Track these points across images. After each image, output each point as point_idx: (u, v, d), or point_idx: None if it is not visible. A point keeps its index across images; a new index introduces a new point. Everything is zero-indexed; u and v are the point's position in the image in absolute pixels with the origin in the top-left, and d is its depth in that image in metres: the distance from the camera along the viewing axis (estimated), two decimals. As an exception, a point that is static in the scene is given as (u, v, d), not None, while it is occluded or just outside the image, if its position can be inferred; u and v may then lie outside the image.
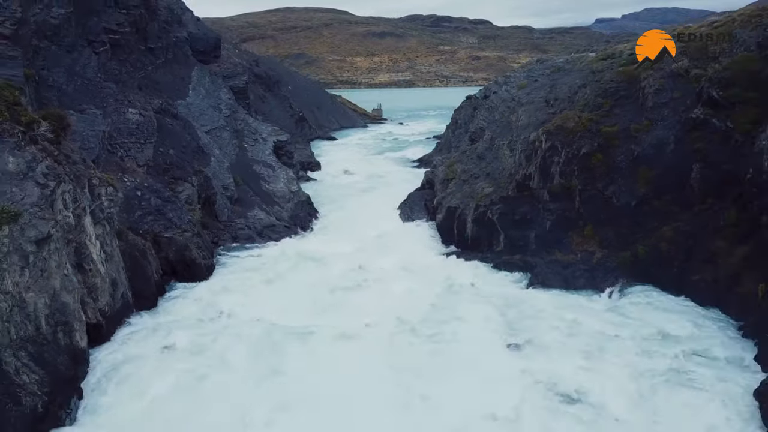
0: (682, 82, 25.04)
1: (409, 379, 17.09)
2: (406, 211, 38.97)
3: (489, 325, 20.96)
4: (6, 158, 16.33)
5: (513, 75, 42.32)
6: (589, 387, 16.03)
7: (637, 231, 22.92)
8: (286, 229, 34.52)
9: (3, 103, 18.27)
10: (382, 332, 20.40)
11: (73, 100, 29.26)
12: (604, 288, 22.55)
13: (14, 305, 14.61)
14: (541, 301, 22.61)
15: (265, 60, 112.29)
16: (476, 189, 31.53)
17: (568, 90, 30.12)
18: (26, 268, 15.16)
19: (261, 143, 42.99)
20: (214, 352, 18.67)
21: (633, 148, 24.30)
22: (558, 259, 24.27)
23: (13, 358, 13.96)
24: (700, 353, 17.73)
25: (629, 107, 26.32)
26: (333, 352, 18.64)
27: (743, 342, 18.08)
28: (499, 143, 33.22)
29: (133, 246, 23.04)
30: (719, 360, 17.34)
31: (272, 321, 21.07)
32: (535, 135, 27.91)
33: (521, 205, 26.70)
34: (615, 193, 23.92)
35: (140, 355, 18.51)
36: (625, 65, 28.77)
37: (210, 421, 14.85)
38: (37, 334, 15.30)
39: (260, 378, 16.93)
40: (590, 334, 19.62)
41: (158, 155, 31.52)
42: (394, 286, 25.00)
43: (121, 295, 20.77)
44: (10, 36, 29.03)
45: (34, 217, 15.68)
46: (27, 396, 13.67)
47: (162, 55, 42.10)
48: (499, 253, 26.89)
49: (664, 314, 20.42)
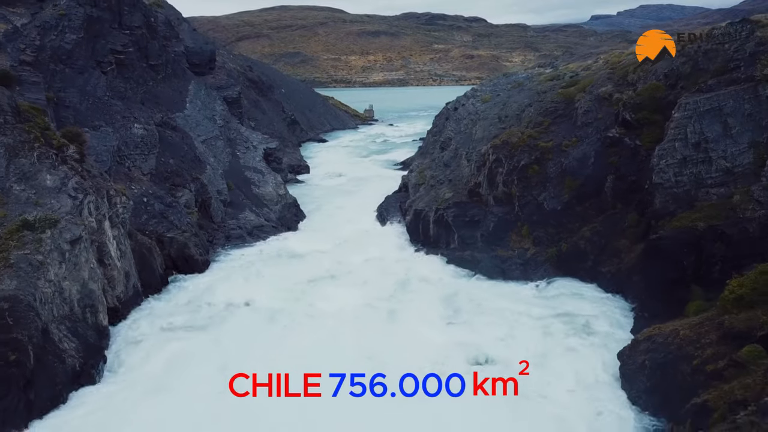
0: (605, 105, 29.61)
1: (364, 343, 21.70)
2: (383, 212, 43.44)
3: (436, 307, 25.61)
4: (45, 176, 20.79)
5: (480, 89, 46.77)
6: (500, 352, 20.68)
7: (562, 231, 27.53)
8: (274, 229, 39.03)
9: (38, 129, 22.72)
10: (347, 312, 25.00)
11: (87, 118, 33.64)
12: (534, 278, 27.20)
13: (55, 291, 19.09)
14: (481, 290, 27.27)
15: (258, 65, 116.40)
16: (440, 194, 36.06)
17: (517, 108, 34.66)
18: (63, 263, 19.64)
19: (252, 150, 47.44)
20: (206, 328, 23.29)
21: (562, 161, 28.90)
22: (499, 254, 28.90)
23: (56, 330, 18.45)
24: (595, 328, 22.37)
25: (564, 125, 30.90)
26: (304, 327, 23.23)
27: (631, 320, 22.71)
28: (461, 153, 37.76)
29: (142, 245, 27.52)
30: (609, 333, 21.96)
31: (256, 305, 25.65)
32: (485, 148, 32.48)
33: (472, 209, 31.29)
34: (546, 199, 28.51)
35: (148, 331, 23.08)
36: (565, 87, 33.34)
37: (199, 375, 19.42)
38: (71, 314, 19.80)
39: (241, 345, 21.52)
40: (515, 314, 24.25)
41: (160, 164, 35.96)
42: (362, 278, 29.58)
43: (133, 284, 25.28)
44: (31, 62, 33.49)
45: (68, 222, 20.15)
46: (68, 358, 18.19)
47: (162, 70, 46.35)
48: (453, 250, 31.47)
49: (577, 299, 25.07)
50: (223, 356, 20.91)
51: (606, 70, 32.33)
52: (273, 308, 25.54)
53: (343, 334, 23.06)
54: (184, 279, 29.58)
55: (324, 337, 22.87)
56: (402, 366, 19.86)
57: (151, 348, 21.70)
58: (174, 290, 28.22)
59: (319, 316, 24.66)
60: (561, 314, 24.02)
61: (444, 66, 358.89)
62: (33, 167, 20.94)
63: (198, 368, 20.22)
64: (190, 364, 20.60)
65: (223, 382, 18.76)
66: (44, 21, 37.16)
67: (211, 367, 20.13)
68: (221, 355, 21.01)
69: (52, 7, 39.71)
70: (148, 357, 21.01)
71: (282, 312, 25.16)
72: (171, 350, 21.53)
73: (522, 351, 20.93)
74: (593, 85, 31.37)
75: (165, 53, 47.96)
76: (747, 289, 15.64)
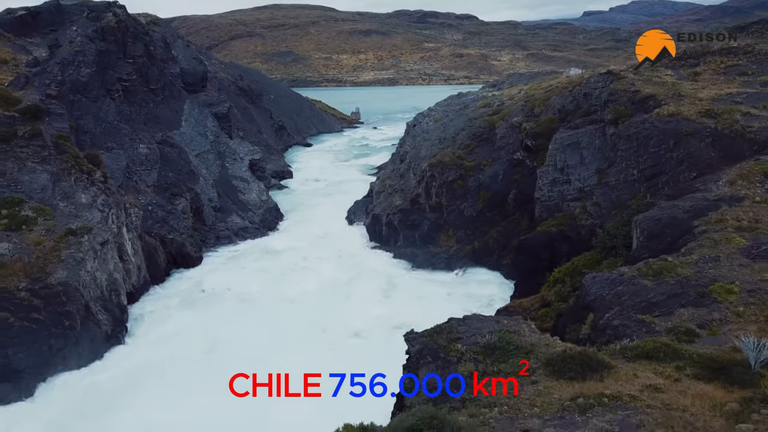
0: (516, 132, 37.46)
1: (319, 319, 29.50)
2: (351, 215, 51.22)
3: (378, 291, 33.49)
4: (80, 195, 28.44)
5: (435, 108, 54.45)
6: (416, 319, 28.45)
7: (477, 232, 35.43)
8: (257, 230, 46.73)
9: (72, 159, 30.31)
10: (310, 295, 32.81)
11: (101, 140, 41.13)
12: (455, 268, 35.12)
13: (91, 278, 26.77)
14: (415, 277, 35.19)
15: (249, 72, 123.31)
16: (393, 201, 43.88)
17: (454, 131, 42.47)
18: (96, 258, 27.30)
19: (239, 162, 55.05)
20: (199, 308, 31.04)
21: (480, 177, 36.76)
22: (431, 251, 36.79)
23: (94, 306, 26.15)
24: (492, 303, 30.22)
25: (485, 148, 38.74)
26: (275, 306, 31.06)
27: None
28: (412, 167, 45.55)
29: (149, 244, 35.18)
30: (497, 306, 29.84)
31: (239, 291, 33.43)
32: (425, 165, 40.32)
33: (413, 214, 39.14)
34: (466, 208, 36.38)
35: (155, 310, 30.88)
36: (490, 115, 41.15)
37: (193, 339, 27.15)
38: (102, 295, 27.49)
39: (226, 320, 29.28)
40: (436, 294, 32.12)
41: (161, 177, 43.51)
42: (324, 269, 37.42)
43: (143, 275, 32.99)
44: (56, 95, 40.89)
45: (99, 229, 27.81)
46: (103, 325, 25.94)
47: (161, 92, 53.79)
48: (399, 247, 39.34)
49: (483, 283, 33.03)
50: (211, 327, 28.66)
51: (522, 102, 40.16)
52: (252, 292, 33.35)
53: (304, 311, 30.85)
54: (182, 272, 37.32)
55: (290, 313, 30.65)
56: (346, 331, 27.72)
57: (158, 321, 29.50)
58: (174, 280, 35.98)
59: (288, 298, 32.48)
60: (470, 293, 31.93)
61: (434, 65, 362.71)
62: (71, 188, 28.56)
63: (192, 335, 27.97)
64: (186, 332, 28.33)
65: (209, 343, 26.55)
66: (63, 57, 44.52)
67: (202, 333, 27.92)
68: (210, 326, 28.75)
69: (69, 44, 47.15)
70: (156, 327, 28.80)
71: (259, 295, 32.95)
72: (172, 323, 29.31)
73: (433, 318, 28.73)
74: (510, 114, 39.21)
75: (163, 77, 55.38)
76: (562, 274, 23.46)
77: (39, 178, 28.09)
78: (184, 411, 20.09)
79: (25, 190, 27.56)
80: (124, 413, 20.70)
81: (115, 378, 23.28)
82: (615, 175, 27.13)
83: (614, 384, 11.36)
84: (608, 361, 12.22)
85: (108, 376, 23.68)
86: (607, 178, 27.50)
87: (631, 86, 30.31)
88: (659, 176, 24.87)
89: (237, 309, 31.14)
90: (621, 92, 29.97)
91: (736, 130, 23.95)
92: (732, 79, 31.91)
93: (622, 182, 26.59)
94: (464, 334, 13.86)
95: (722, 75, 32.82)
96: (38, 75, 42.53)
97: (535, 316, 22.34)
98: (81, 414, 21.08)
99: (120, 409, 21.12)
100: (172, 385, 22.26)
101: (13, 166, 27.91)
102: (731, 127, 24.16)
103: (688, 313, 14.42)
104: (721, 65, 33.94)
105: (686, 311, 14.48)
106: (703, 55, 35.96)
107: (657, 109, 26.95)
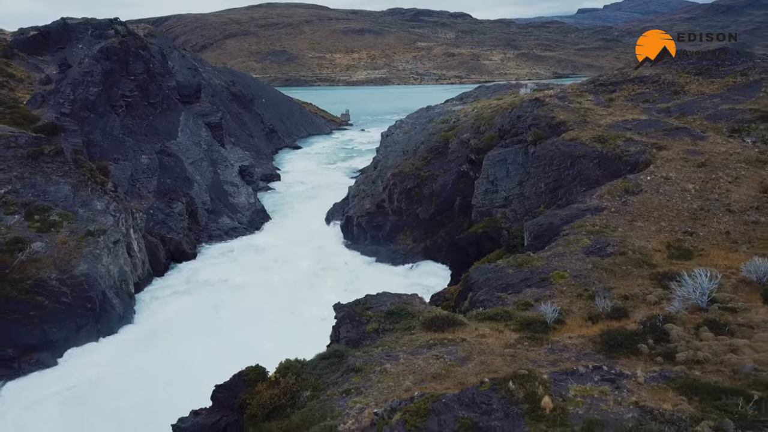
0: (464, 147, 43.92)
1: (290, 305, 35.94)
2: (330, 216, 57.60)
3: (343, 281, 39.94)
4: (96, 203, 34.75)
5: (405, 120, 60.89)
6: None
7: (428, 232, 41.93)
8: (245, 230, 53.09)
9: (88, 172, 36.58)
10: (287, 284, 39.27)
11: (108, 152, 47.34)
12: (409, 263, 41.62)
13: (106, 271, 33.11)
14: (376, 270, 41.67)
15: (242, 77, 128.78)
16: (363, 204, 50.33)
17: (415, 144, 48.94)
18: (109, 255, 33.65)
19: (230, 168, 61.34)
20: (194, 296, 37.42)
21: (433, 186, 43.24)
22: (391, 248, 43.29)
23: (109, 293, 32.52)
24: (431, 289, 36.65)
25: (440, 160, 45.21)
26: (257, 293, 37.50)
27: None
28: (380, 174, 52.00)
29: (151, 243, 41.51)
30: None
31: (228, 281, 39.85)
32: (390, 174, 46.77)
33: (378, 217, 45.62)
34: (420, 212, 42.87)
35: (158, 296, 37.24)
36: (446, 131, 47.60)
37: (188, 320, 33.55)
38: (115, 285, 33.86)
39: (218, 305, 35.70)
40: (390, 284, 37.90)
41: (160, 184, 49.77)
42: (300, 263, 43.85)
43: (147, 269, 39.34)
44: (69, 113, 47.04)
45: (112, 231, 34.15)
46: (116, 308, 32.34)
47: (159, 106, 59.97)
48: (366, 245, 45.82)
49: (432, 275, 39.53)
50: (204, 310, 35.10)
51: (472, 120, 46.65)
52: (238, 282, 39.77)
53: (280, 296, 37.30)
54: (179, 265, 43.67)
55: (268, 299, 37.10)
56: (311, 314, 34.17)
57: (160, 306, 35.90)
58: (173, 273, 42.34)
59: (267, 287, 38.92)
60: (419, 282, 38.38)
61: (426, 64, 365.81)
62: (89, 197, 34.86)
63: (188, 317, 34.40)
64: (183, 314, 34.75)
65: (202, 322, 33.00)
66: (74, 78, 50.65)
67: (195, 315, 34.35)
68: (205, 311, 35.18)
69: (78, 65, 53.29)
70: (158, 311, 35.20)
71: (244, 284, 39.39)
72: (172, 307, 35.72)
73: (385, 306, 35.29)
74: (462, 131, 45.70)
75: (161, 91, 61.54)
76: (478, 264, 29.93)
77: (62, 189, 34.40)
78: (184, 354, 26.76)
79: (52, 199, 33.85)
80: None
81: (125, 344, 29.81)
82: (529, 187, 33.70)
83: (460, 333, 17.86)
84: (463, 321, 18.76)
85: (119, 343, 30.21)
86: (523, 190, 34.06)
87: (550, 112, 36.86)
88: (559, 189, 31.43)
89: (225, 296, 37.57)
90: (542, 117, 36.52)
91: (616, 154, 30.53)
92: (636, 105, 38.52)
93: (533, 193, 33.15)
94: (374, 305, 20.38)
95: (630, 101, 39.42)
96: (52, 94, 48.70)
97: (455, 297, 28.87)
98: (99, 367, 27.62)
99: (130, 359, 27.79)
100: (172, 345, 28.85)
101: (41, 179, 34.20)
102: (613, 151, 30.74)
103: (530, 292, 20.93)
104: (632, 92, 40.54)
105: (530, 290, 21.00)
106: (622, 82, 42.57)
107: (563, 134, 33.51)
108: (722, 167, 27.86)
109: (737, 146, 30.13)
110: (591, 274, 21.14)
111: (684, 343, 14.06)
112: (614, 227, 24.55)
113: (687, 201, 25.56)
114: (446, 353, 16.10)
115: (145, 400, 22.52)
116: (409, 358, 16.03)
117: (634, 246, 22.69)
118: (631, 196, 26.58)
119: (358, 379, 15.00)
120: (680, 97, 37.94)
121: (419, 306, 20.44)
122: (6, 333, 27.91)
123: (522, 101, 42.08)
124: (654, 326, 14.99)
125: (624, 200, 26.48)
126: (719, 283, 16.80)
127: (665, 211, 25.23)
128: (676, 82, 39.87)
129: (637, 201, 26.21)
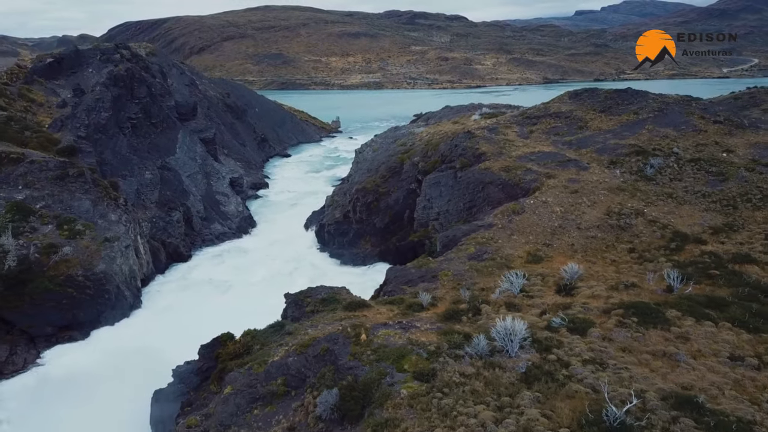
0: (414, 168, 52.89)
1: (266, 299, 44.86)
2: (308, 223, 66.56)
3: (310, 279, 48.84)
4: (110, 215, 43.71)
5: (375, 140, 69.86)
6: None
7: (383, 239, 50.95)
8: (233, 235, 62.04)
9: (104, 189, 45.49)
10: (265, 282, 48.22)
11: (117, 170, 56.17)
12: (368, 264, 50.61)
13: (119, 269, 42.07)
14: (339, 271, 50.65)
15: (237, 87, 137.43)
16: (334, 213, 59.31)
17: (378, 164, 57.92)
18: (122, 257, 42.60)
19: (221, 180, 70.26)
20: (190, 290, 46.42)
21: (388, 200, 52.25)
22: (354, 252, 52.30)
23: (122, 287, 41.49)
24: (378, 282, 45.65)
25: (395, 179, 54.21)
26: (242, 289, 46.48)
27: (400, 284, 46.15)
28: (349, 188, 60.96)
29: (153, 246, 50.45)
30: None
31: (218, 278, 48.83)
32: (355, 189, 55.76)
33: (344, 225, 54.63)
34: (377, 222, 51.87)
35: (159, 290, 46.24)
36: (402, 154, 56.57)
37: (185, 308, 42.50)
38: (125, 280, 42.83)
39: (208, 296, 44.68)
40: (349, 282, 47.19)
41: (161, 196, 58.62)
42: (278, 263, 52.86)
43: (150, 268, 48.32)
44: (85, 136, 55.87)
45: (123, 237, 43.10)
46: (128, 298, 41.33)
47: (160, 125, 68.87)
48: (334, 249, 54.85)
49: (382, 273, 48.31)
50: (198, 301, 44.06)
51: (423, 145, 55.62)
52: (226, 279, 48.76)
53: (259, 292, 46.25)
54: (177, 265, 52.62)
55: (249, 293, 46.06)
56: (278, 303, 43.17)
57: (162, 297, 44.90)
58: (172, 272, 51.31)
59: (249, 284, 47.91)
60: (372, 279, 47.27)
61: (419, 68, 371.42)
62: (105, 210, 43.78)
63: (184, 305, 43.34)
64: (181, 304, 43.70)
65: (195, 308, 41.95)
66: (88, 105, 59.48)
67: (190, 303, 43.29)
68: (197, 301, 44.13)
69: (91, 92, 62.14)
70: (161, 300, 44.18)
71: (231, 281, 48.36)
72: (171, 298, 44.71)
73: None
74: (414, 155, 54.70)
75: (161, 111, 70.43)
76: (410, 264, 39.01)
77: (84, 204, 43.32)
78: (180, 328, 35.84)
79: (76, 212, 42.75)
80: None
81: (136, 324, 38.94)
82: (453, 205, 42.75)
83: (365, 312, 26.88)
84: (371, 305, 27.80)
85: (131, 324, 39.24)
86: (449, 207, 43.13)
87: (476, 144, 45.92)
88: (473, 208, 40.50)
89: (215, 290, 46.53)
90: (469, 148, 45.57)
91: (515, 181, 39.59)
92: (548, 138, 47.59)
93: (455, 210, 42.20)
94: (313, 294, 29.41)
95: (545, 134, 48.48)
96: (70, 119, 57.55)
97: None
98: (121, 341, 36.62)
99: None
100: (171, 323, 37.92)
101: (67, 196, 43.12)
102: (514, 178, 39.80)
103: (424, 285, 29.91)
104: (548, 126, 49.62)
105: (423, 284, 29.98)
106: (543, 116, 51.66)
107: (481, 164, 42.56)
108: (588, 193, 36.87)
109: (608, 176, 39.16)
110: (466, 273, 30.14)
111: (485, 315, 23.18)
112: (496, 239, 33.55)
113: (552, 220, 34.56)
114: (349, 324, 25.12)
115: (153, 356, 31.50)
116: (324, 326, 25.07)
117: (504, 254, 31.71)
118: (515, 215, 35.58)
119: (290, 338, 24.04)
120: (582, 131, 47.01)
121: (345, 295, 29.49)
122: (45, 316, 36.89)
123: (460, 132, 51.10)
124: (474, 306, 24.06)
125: (510, 219, 35.48)
126: (528, 279, 25.90)
127: (535, 227, 34.21)
128: (583, 118, 48.96)
129: (519, 219, 35.20)
